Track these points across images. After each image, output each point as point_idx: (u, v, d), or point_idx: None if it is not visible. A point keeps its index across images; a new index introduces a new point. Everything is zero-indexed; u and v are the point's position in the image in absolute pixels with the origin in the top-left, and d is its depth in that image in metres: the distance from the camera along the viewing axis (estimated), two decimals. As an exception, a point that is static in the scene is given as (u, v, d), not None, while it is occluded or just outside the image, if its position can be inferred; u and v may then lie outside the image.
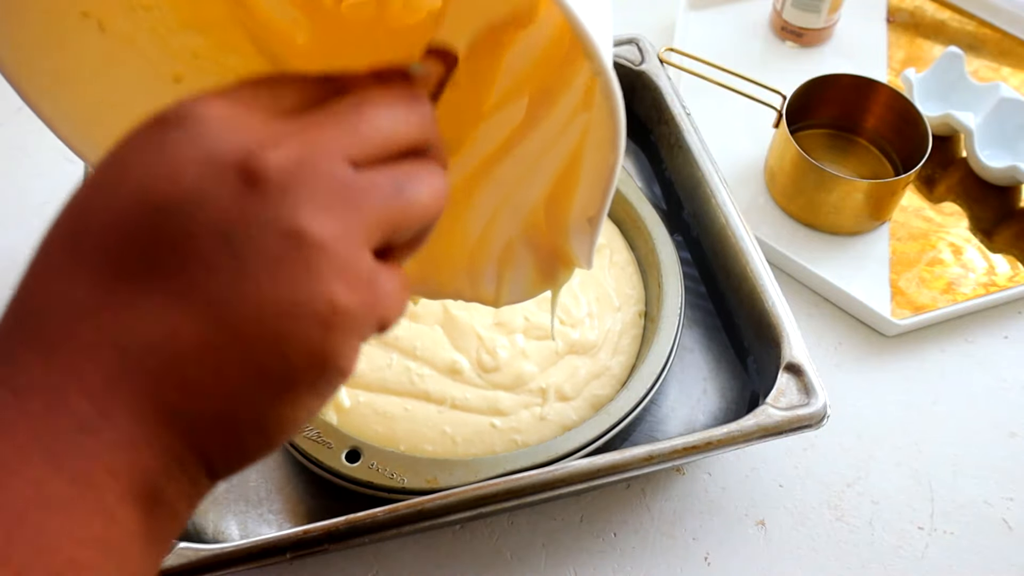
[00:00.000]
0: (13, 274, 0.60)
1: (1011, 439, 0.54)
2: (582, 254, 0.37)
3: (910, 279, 0.60)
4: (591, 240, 0.36)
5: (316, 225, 0.22)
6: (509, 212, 0.40)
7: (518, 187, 0.39)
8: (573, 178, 0.36)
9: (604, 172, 0.32)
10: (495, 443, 0.48)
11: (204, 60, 0.38)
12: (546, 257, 0.40)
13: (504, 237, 0.40)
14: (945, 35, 0.77)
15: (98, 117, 0.35)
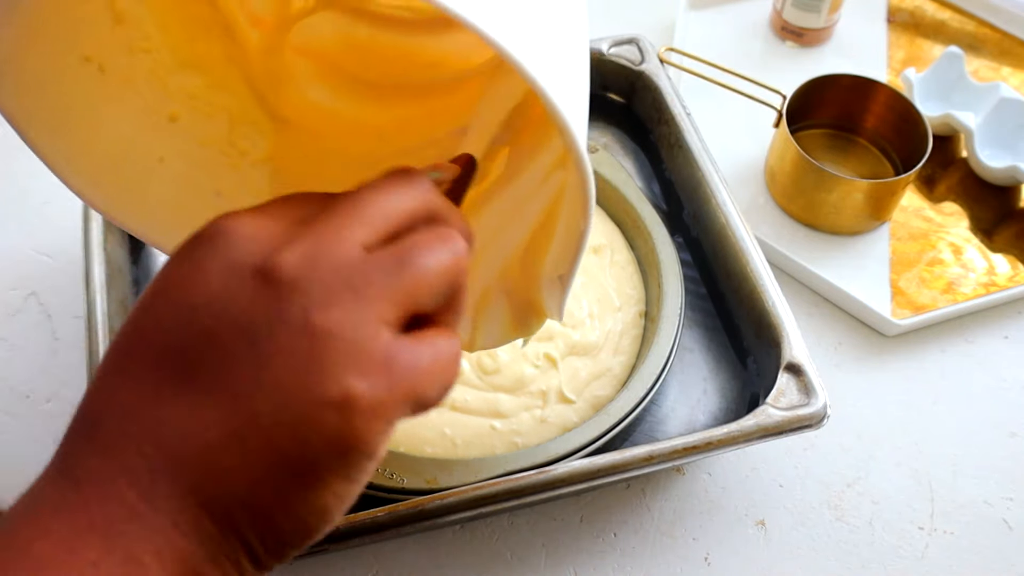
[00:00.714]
0: (13, 274, 0.60)
1: (1011, 439, 0.54)
2: (553, 307, 0.38)
3: (910, 279, 0.60)
4: (561, 296, 0.37)
5: (324, 316, 0.23)
6: (487, 261, 0.40)
7: (496, 237, 0.40)
8: (548, 234, 0.38)
9: (575, 236, 0.33)
10: (495, 445, 0.48)
11: (199, 100, 0.39)
12: (520, 305, 0.41)
13: (481, 284, 0.41)
14: (945, 35, 0.77)
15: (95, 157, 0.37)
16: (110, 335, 0.49)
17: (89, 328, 0.49)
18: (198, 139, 0.39)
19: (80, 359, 0.55)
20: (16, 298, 0.59)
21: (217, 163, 0.40)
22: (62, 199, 0.63)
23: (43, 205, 0.63)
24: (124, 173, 0.37)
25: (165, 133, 0.38)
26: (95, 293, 0.51)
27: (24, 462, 0.51)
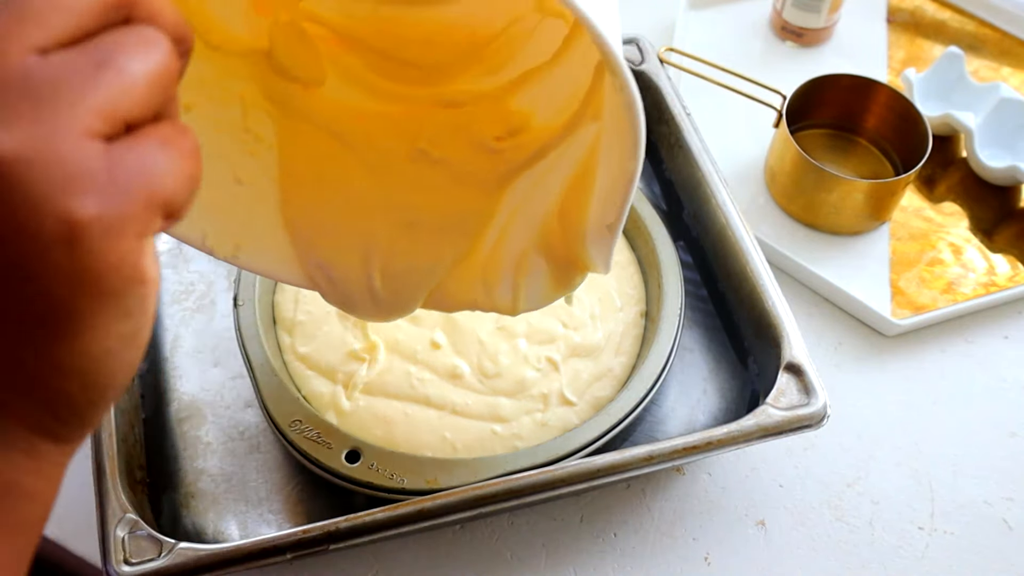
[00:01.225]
0: (13, 274, 0.58)
1: (1011, 439, 0.54)
2: (600, 260, 0.38)
3: (910, 279, 0.60)
4: (610, 246, 0.37)
5: (8, 141, 0.18)
6: (521, 222, 0.40)
7: (528, 198, 0.40)
8: (586, 187, 0.37)
9: (623, 181, 0.32)
10: (495, 450, 0.48)
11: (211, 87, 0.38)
12: (562, 264, 0.40)
13: (518, 247, 0.41)
14: (945, 35, 0.77)
15: None
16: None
17: (89, 328, 0.49)
18: (214, 126, 0.39)
19: (80, 359, 0.55)
20: (16, 298, 0.58)
21: (234, 150, 0.40)
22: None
23: (43, 205, 0.63)
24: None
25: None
26: (95, 293, 0.51)
27: (24, 462, 0.51)
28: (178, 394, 0.53)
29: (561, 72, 0.38)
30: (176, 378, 0.54)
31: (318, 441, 0.46)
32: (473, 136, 0.40)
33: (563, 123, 0.38)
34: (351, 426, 0.48)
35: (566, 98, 0.37)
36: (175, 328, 0.56)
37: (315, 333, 0.51)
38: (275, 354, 0.50)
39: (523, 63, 0.39)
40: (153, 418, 0.52)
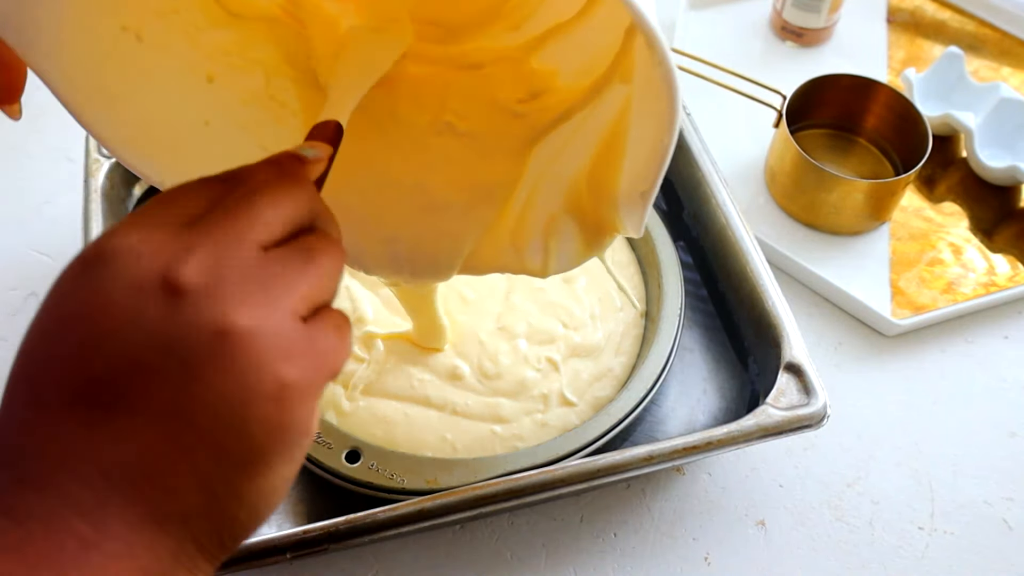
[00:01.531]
0: (13, 274, 0.60)
1: (1011, 439, 0.54)
2: (632, 224, 0.38)
3: (910, 279, 0.60)
4: (643, 211, 0.36)
5: (242, 317, 0.23)
6: (549, 185, 0.40)
7: (555, 161, 0.39)
8: (617, 152, 0.37)
9: (659, 151, 0.33)
10: (496, 450, 0.48)
11: (233, 56, 0.39)
12: (592, 227, 0.40)
13: (547, 210, 0.40)
14: (945, 35, 0.77)
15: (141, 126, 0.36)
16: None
17: (89, 328, 0.49)
18: (239, 97, 0.39)
19: (80, 359, 0.55)
20: (16, 298, 0.59)
21: (260, 119, 0.40)
22: (62, 199, 0.63)
23: (43, 205, 0.63)
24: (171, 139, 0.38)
25: (206, 95, 0.38)
26: (95, 293, 0.51)
27: (24, 462, 0.51)
28: (178, 394, 0.53)
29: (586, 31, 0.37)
30: (176, 378, 0.54)
31: (318, 441, 0.46)
32: (496, 100, 0.40)
33: (589, 85, 0.37)
34: (351, 426, 0.48)
35: (592, 59, 0.37)
36: (175, 328, 0.56)
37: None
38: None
39: (546, 20, 0.38)
40: (153, 418, 0.52)
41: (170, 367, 0.23)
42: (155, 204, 0.26)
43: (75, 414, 0.23)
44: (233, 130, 0.39)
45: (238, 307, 0.23)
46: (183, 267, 0.23)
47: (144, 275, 0.23)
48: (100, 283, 0.23)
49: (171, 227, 0.25)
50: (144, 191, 0.59)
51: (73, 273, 0.24)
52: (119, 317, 0.23)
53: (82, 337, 0.23)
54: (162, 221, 0.25)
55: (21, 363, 0.24)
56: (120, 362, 0.23)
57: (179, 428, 0.23)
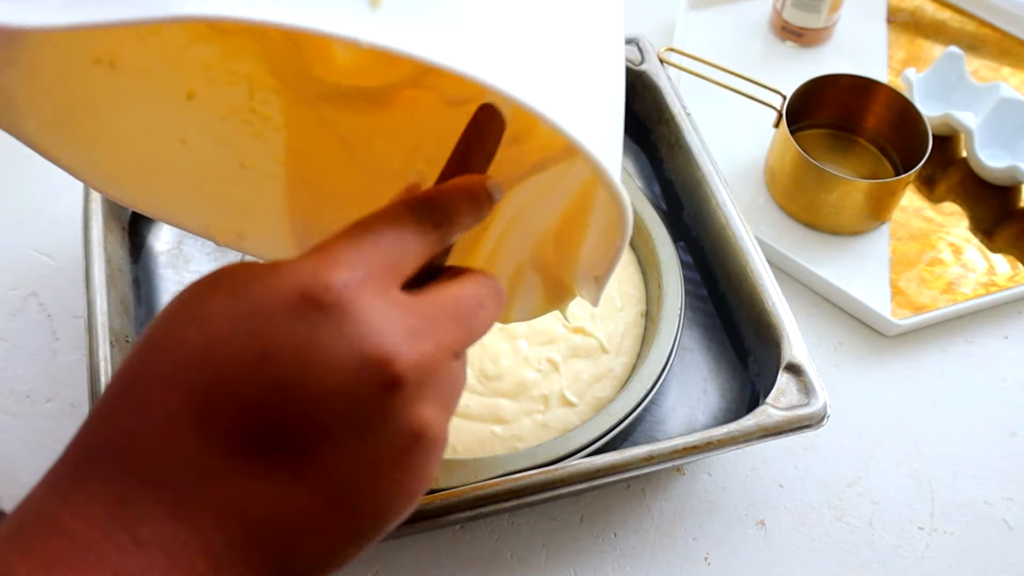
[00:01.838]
0: (13, 274, 0.60)
1: (1011, 439, 0.54)
2: (588, 297, 0.39)
3: (910, 279, 0.60)
4: (597, 292, 0.37)
5: (437, 422, 0.24)
6: (518, 235, 0.40)
7: (526, 213, 0.40)
8: (580, 225, 0.37)
9: (612, 248, 0.34)
10: (496, 451, 0.48)
11: (215, 71, 0.38)
12: (553, 285, 0.41)
13: (514, 258, 0.41)
14: (945, 35, 0.77)
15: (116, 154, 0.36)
16: (110, 335, 0.49)
17: (89, 328, 0.49)
18: (218, 112, 0.39)
19: (80, 359, 0.55)
20: (16, 298, 0.59)
21: (239, 133, 0.40)
22: (62, 199, 0.63)
23: (43, 205, 0.63)
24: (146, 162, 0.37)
25: (184, 113, 0.38)
26: (95, 293, 0.51)
27: (24, 462, 0.51)
28: (178, 394, 0.53)
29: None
30: (176, 378, 0.54)
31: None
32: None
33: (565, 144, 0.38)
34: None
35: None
36: (175, 328, 0.55)
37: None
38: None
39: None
40: (153, 418, 0.52)
41: (356, 446, 0.23)
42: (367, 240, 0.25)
43: (237, 454, 0.22)
44: (210, 145, 0.39)
45: (438, 412, 0.24)
46: (405, 358, 0.23)
47: (369, 351, 0.22)
48: (322, 339, 0.22)
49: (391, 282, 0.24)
50: (144, 191, 0.59)
51: (289, 306, 0.23)
52: (328, 381, 0.22)
53: (282, 385, 0.22)
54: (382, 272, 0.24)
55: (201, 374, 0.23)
56: (310, 424, 0.22)
57: (335, 500, 0.23)
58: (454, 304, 0.26)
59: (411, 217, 0.26)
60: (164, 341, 0.23)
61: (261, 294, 0.23)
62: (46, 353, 0.56)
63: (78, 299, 0.55)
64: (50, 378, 0.55)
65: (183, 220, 0.40)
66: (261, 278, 0.23)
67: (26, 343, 0.56)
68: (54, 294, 0.58)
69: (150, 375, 0.23)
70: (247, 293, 0.23)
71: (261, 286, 0.23)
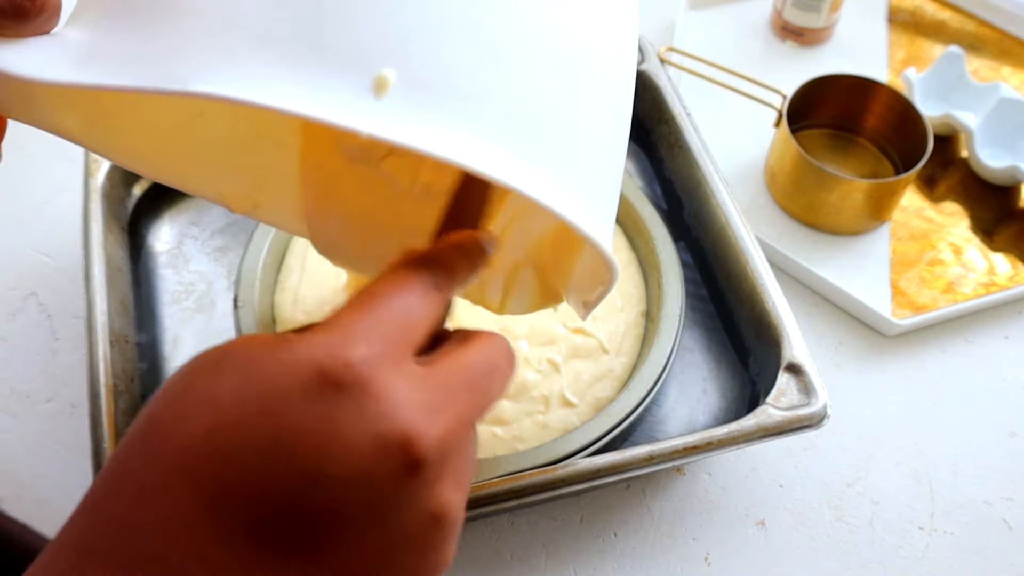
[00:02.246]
0: (13, 274, 0.60)
1: (1011, 439, 0.54)
2: (578, 312, 0.39)
3: (910, 279, 0.60)
4: (584, 312, 0.38)
5: (456, 505, 0.23)
6: (518, 235, 0.40)
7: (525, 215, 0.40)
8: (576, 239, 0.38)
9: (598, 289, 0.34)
10: (496, 452, 0.48)
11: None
12: (547, 286, 0.42)
13: (512, 257, 0.41)
14: (945, 35, 0.77)
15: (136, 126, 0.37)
16: (110, 335, 0.49)
17: (89, 328, 0.49)
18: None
19: (80, 359, 0.55)
20: (16, 298, 0.59)
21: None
22: (62, 199, 0.63)
23: (43, 205, 0.63)
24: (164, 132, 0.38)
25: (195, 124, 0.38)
26: (95, 293, 0.51)
27: (24, 462, 0.51)
28: (178, 394, 0.53)
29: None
30: (176, 378, 0.54)
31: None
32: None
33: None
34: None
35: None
36: (175, 328, 0.56)
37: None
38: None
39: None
40: (153, 418, 0.52)
41: (374, 532, 0.22)
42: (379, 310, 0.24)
43: (245, 540, 0.21)
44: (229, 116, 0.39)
45: (457, 493, 0.23)
46: (428, 437, 0.22)
47: (391, 432, 0.21)
48: (339, 419, 0.21)
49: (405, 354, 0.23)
50: (144, 191, 0.59)
51: (303, 385, 0.21)
52: (348, 464, 0.21)
53: (297, 468, 0.21)
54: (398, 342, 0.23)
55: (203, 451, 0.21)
56: (328, 510, 0.21)
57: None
58: (468, 372, 0.25)
59: (415, 280, 0.25)
60: (168, 424, 0.22)
61: (274, 373, 0.22)
62: (46, 353, 0.56)
63: (78, 299, 0.55)
64: (50, 378, 0.55)
65: (199, 188, 0.40)
66: (273, 356, 0.22)
67: (26, 343, 0.57)
68: (54, 294, 0.58)
69: (154, 462, 0.21)
70: (258, 372, 0.22)
71: (274, 364, 0.22)
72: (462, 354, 0.25)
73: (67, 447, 0.51)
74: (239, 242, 0.59)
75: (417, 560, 0.23)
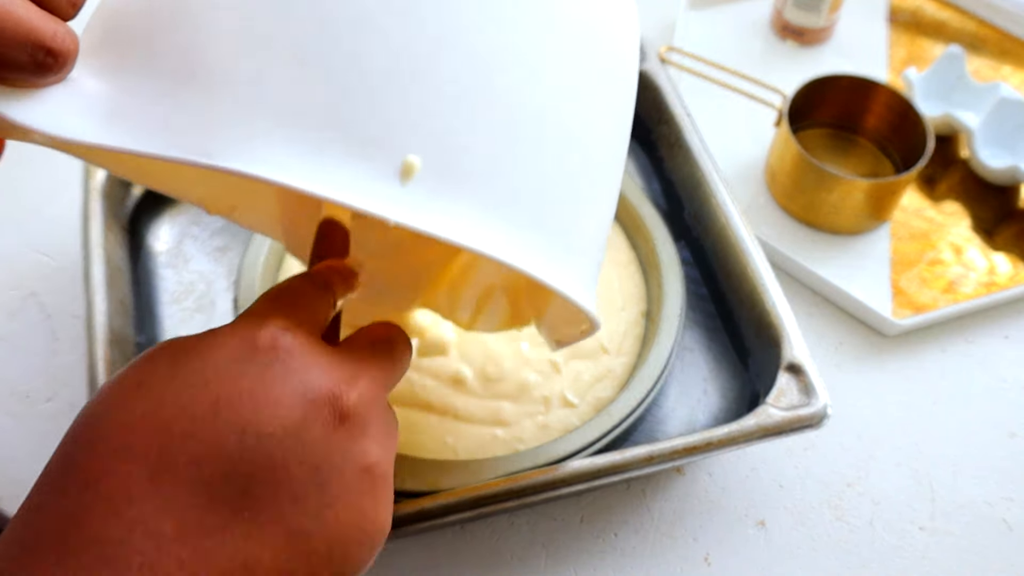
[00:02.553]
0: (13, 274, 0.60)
1: (1011, 439, 0.54)
2: (548, 344, 0.41)
3: (911, 279, 0.60)
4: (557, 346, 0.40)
5: (384, 459, 0.25)
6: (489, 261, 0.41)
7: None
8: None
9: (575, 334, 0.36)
10: (497, 453, 0.48)
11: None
12: (518, 310, 0.43)
13: (487, 280, 0.43)
14: (946, 35, 0.76)
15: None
16: (110, 335, 0.49)
17: (89, 328, 0.49)
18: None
19: (80, 359, 0.55)
20: (16, 298, 0.59)
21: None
22: (62, 199, 0.63)
23: (43, 205, 0.63)
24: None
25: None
26: (95, 293, 0.51)
27: (24, 462, 0.51)
28: (178, 394, 0.53)
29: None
30: (176, 378, 0.54)
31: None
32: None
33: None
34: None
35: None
36: (175, 328, 0.56)
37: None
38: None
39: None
40: (153, 418, 0.52)
41: (310, 487, 0.23)
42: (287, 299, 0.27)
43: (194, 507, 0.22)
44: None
45: (383, 450, 0.25)
46: (351, 394, 0.24)
47: (317, 389, 0.24)
48: (271, 378, 0.23)
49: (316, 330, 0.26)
50: (144, 191, 0.59)
51: (234, 355, 0.23)
52: (282, 419, 0.23)
53: (236, 426, 0.22)
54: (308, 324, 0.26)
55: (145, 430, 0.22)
56: (263, 465, 0.22)
57: (294, 548, 0.23)
58: (370, 346, 0.27)
59: (310, 284, 0.29)
60: (107, 411, 0.23)
61: (205, 351, 0.24)
62: (46, 353, 0.56)
63: (78, 299, 0.55)
64: (50, 378, 0.55)
65: (176, 191, 0.41)
66: (202, 340, 0.24)
67: (26, 343, 0.57)
68: (54, 294, 0.58)
69: (95, 448, 0.22)
70: (189, 355, 0.24)
71: (204, 346, 0.24)
72: (358, 335, 0.28)
73: (67, 447, 0.51)
74: (239, 242, 0.59)
75: (354, 515, 0.24)
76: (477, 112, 0.26)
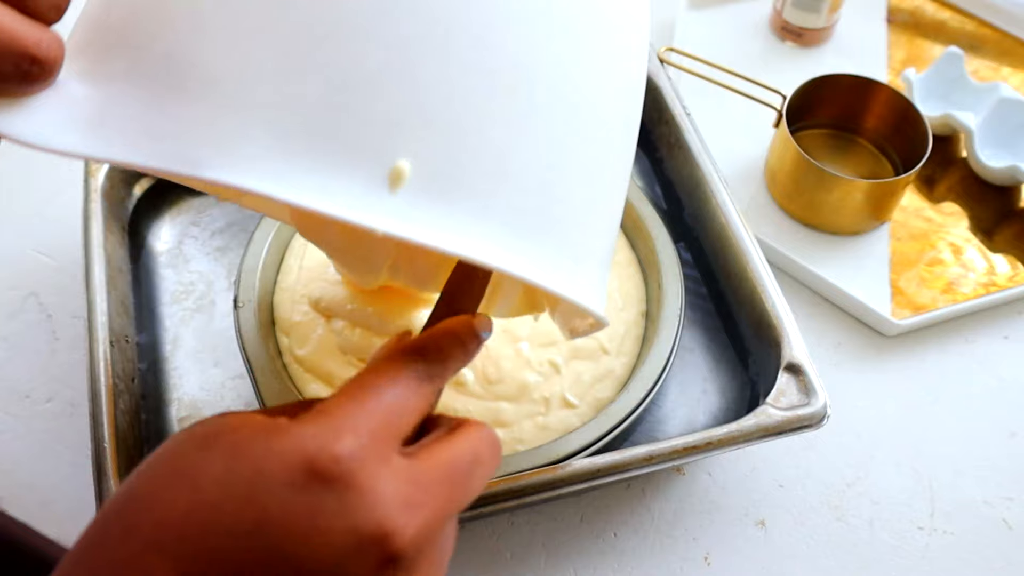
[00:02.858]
0: (13, 274, 0.60)
1: (1011, 439, 0.54)
2: (562, 332, 0.41)
3: (910, 279, 0.60)
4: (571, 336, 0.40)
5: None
6: None
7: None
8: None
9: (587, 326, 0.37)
10: None
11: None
12: (532, 297, 0.43)
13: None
14: (945, 35, 0.77)
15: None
16: (110, 335, 0.49)
17: (89, 328, 0.49)
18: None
19: (80, 359, 0.55)
20: (16, 298, 0.59)
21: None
22: (62, 199, 0.63)
23: (43, 205, 0.63)
24: None
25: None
26: (95, 293, 0.51)
27: (24, 462, 0.51)
28: (178, 394, 0.53)
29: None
30: (176, 378, 0.54)
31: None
32: None
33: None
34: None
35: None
36: (175, 328, 0.56)
37: (309, 336, 0.51)
38: (275, 356, 0.50)
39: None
40: (153, 418, 0.52)
41: None
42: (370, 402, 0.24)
43: None
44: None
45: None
46: (404, 533, 0.22)
47: (369, 527, 0.22)
48: (320, 509, 0.22)
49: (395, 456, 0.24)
50: (144, 191, 0.59)
51: (288, 476, 0.22)
52: (324, 557, 0.21)
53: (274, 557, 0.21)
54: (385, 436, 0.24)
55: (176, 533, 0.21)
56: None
57: None
58: (450, 466, 0.25)
59: (408, 371, 0.26)
60: (148, 499, 0.22)
61: (262, 460, 0.22)
62: (46, 353, 0.56)
63: (78, 299, 0.55)
64: (50, 378, 0.55)
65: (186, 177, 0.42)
66: (263, 443, 0.22)
67: (26, 343, 0.57)
68: (54, 294, 0.59)
69: (129, 535, 0.22)
70: (246, 457, 0.22)
71: (263, 451, 0.22)
72: (446, 447, 0.25)
73: (67, 447, 0.51)
74: (239, 242, 0.59)
75: None
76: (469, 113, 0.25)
